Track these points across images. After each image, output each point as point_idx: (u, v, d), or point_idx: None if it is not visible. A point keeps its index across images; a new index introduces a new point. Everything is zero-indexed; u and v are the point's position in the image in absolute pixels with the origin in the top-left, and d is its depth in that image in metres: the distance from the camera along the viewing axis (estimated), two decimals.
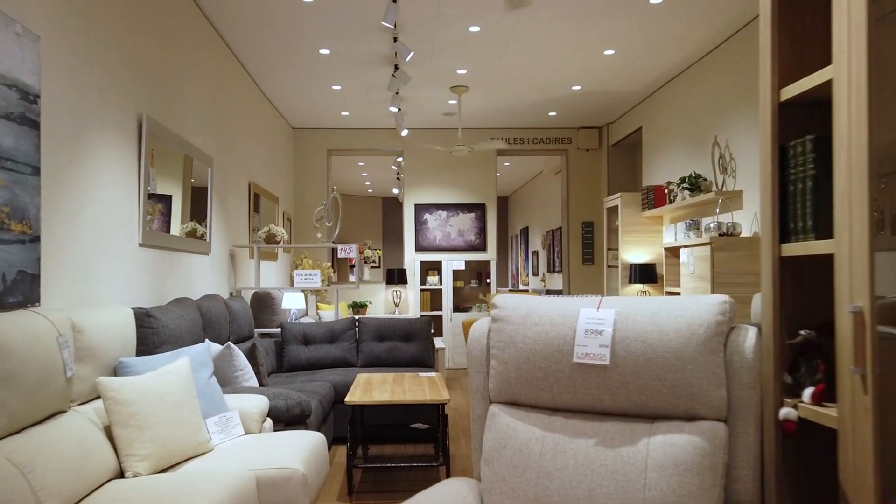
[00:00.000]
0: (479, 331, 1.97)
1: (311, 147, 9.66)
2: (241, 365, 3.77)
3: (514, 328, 1.87)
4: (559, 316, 1.84)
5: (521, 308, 1.90)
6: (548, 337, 1.81)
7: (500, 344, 1.88)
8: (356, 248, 6.28)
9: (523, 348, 1.83)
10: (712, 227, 5.75)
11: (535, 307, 1.88)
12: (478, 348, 1.96)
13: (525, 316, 1.87)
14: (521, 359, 1.83)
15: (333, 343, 5.93)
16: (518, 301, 1.92)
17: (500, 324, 1.90)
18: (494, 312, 1.92)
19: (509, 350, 1.85)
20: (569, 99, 8.23)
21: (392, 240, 16.62)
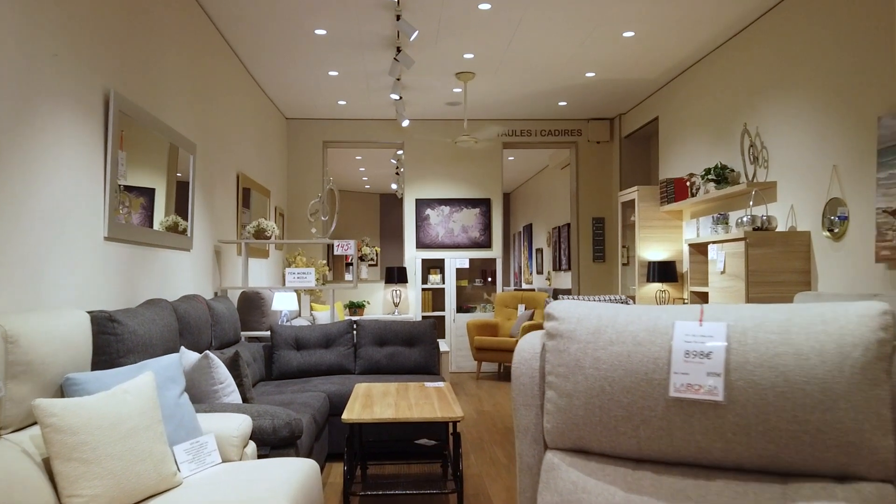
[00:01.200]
0: (529, 350, 1.44)
1: (305, 139, 9.11)
2: (221, 377, 3.23)
3: (580, 348, 1.33)
4: (645, 331, 1.30)
5: (590, 320, 1.36)
6: (631, 361, 1.28)
7: (560, 369, 1.34)
8: (354, 245, 5.74)
9: (595, 376, 1.30)
10: (745, 220, 5.23)
11: (609, 319, 1.35)
12: (527, 374, 1.43)
13: (596, 331, 1.33)
14: (591, 390, 1.30)
15: (329, 348, 5.39)
16: (583, 310, 1.38)
17: (560, 341, 1.36)
18: (551, 326, 1.38)
19: (575, 378, 1.32)
20: (581, 87, 7.69)
21: (390, 238, 16.07)
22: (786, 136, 5.33)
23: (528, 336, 1.46)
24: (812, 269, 5.01)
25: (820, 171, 4.90)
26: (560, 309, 1.40)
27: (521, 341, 1.46)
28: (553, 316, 1.39)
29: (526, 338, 1.47)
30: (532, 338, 1.46)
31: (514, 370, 1.45)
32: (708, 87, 6.64)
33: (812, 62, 4.97)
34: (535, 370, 1.42)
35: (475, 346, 8.22)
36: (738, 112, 6.06)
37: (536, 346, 1.44)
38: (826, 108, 4.82)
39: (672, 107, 7.51)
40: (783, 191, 5.39)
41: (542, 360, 1.42)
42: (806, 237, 5.04)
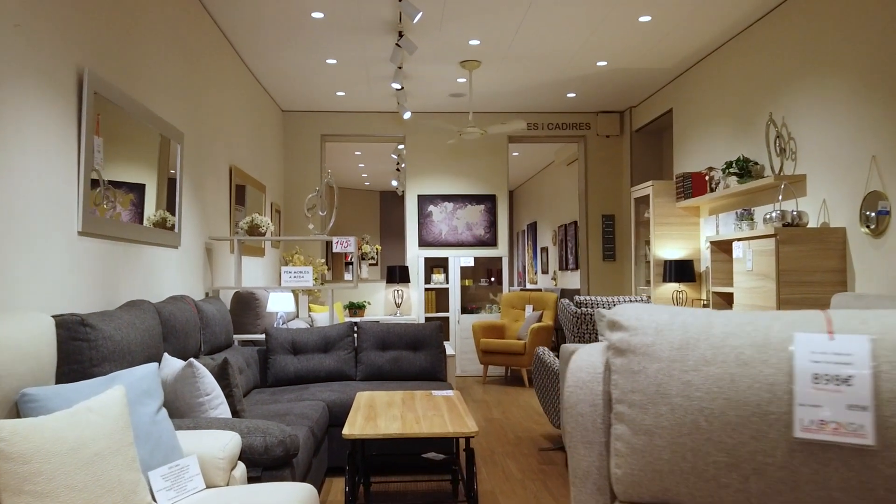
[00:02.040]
0: (587, 369, 1.09)
1: (302, 132, 8.76)
2: (208, 388, 2.89)
3: (662, 368, 0.99)
4: (753, 347, 0.96)
5: (673, 330, 1.02)
6: (735, 387, 0.94)
7: (634, 397, 1.00)
8: (354, 242, 5.40)
9: (685, 407, 0.96)
10: (774, 216, 4.88)
11: (699, 329, 1.00)
12: (586, 401, 1.08)
13: (683, 346, 0.99)
14: (680, 427, 0.96)
15: (328, 352, 5.04)
16: (664, 317, 1.04)
17: (633, 359, 1.02)
18: (619, 338, 1.04)
19: (656, 409, 0.98)
20: (591, 78, 7.35)
21: (391, 236, 15.72)
22: (816, 125, 4.99)
23: (584, 351, 1.11)
24: (848, 268, 4.67)
25: (857, 163, 4.56)
26: (630, 315, 1.05)
27: (577, 358, 1.11)
28: (621, 325, 1.05)
29: (582, 354, 1.12)
30: (590, 353, 1.11)
31: (569, 396, 1.10)
32: (728, 76, 6.30)
33: (848, 43, 4.62)
34: (596, 396, 1.07)
35: (481, 348, 7.87)
36: (763, 101, 5.71)
37: (597, 364, 1.09)
38: (865, 93, 4.47)
39: (688, 98, 7.16)
40: (814, 184, 5.04)
41: (605, 384, 1.08)
42: (841, 234, 4.69)
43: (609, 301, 4.74)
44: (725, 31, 6.00)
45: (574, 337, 4.66)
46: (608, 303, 4.73)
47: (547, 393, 5.06)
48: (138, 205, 4.15)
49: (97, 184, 3.44)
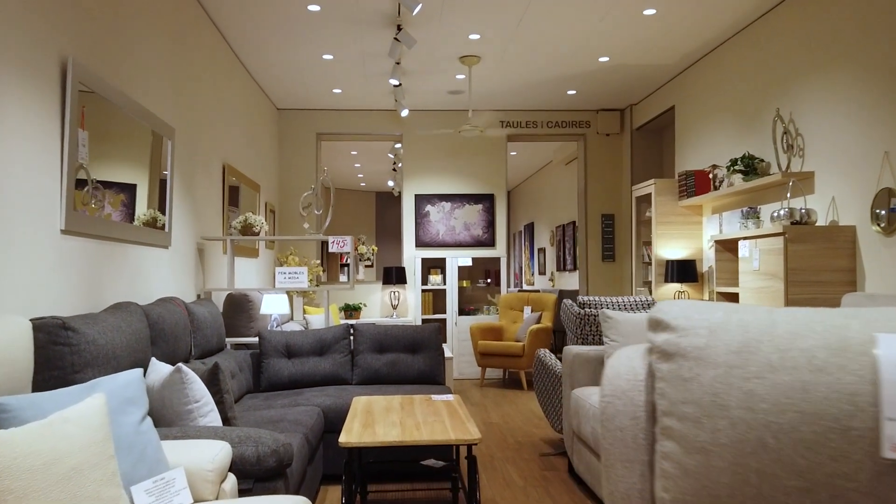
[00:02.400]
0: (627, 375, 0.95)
1: (298, 130, 8.60)
2: (197, 394, 2.73)
3: (719, 376, 0.84)
4: (827, 349, 0.82)
5: (730, 330, 0.87)
6: (809, 398, 0.80)
7: (686, 409, 0.85)
8: (351, 242, 5.24)
9: (748, 421, 0.81)
10: (782, 214, 4.75)
11: (762, 329, 0.86)
12: (626, 413, 0.94)
13: (743, 348, 0.85)
14: (743, 444, 0.81)
15: (323, 355, 4.88)
16: (717, 315, 0.89)
17: (684, 364, 0.87)
18: (665, 340, 0.89)
19: (713, 424, 0.83)
20: (592, 74, 7.21)
21: (387, 237, 15.57)
22: (826, 120, 4.85)
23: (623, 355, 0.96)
24: (858, 268, 4.53)
25: (868, 159, 4.42)
26: (677, 313, 0.90)
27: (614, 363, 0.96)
28: (667, 324, 0.90)
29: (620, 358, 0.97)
30: (630, 357, 0.96)
31: (606, 407, 0.96)
32: (733, 72, 6.16)
33: (860, 37, 4.49)
34: (638, 408, 0.92)
35: (479, 351, 7.72)
36: (769, 97, 5.58)
37: (638, 369, 0.94)
38: (876, 88, 4.33)
39: (691, 94, 7.03)
40: (822, 181, 4.91)
41: (649, 393, 0.93)
42: (850, 232, 4.56)
43: (613, 301, 4.60)
44: (732, 25, 5.87)
45: (577, 339, 4.51)
46: (612, 303, 4.58)
47: (548, 396, 4.91)
48: (129, 205, 4.01)
49: (84, 183, 3.29)
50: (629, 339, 4.01)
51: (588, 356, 4.19)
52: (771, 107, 5.55)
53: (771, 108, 5.54)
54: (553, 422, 4.84)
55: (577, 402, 4.02)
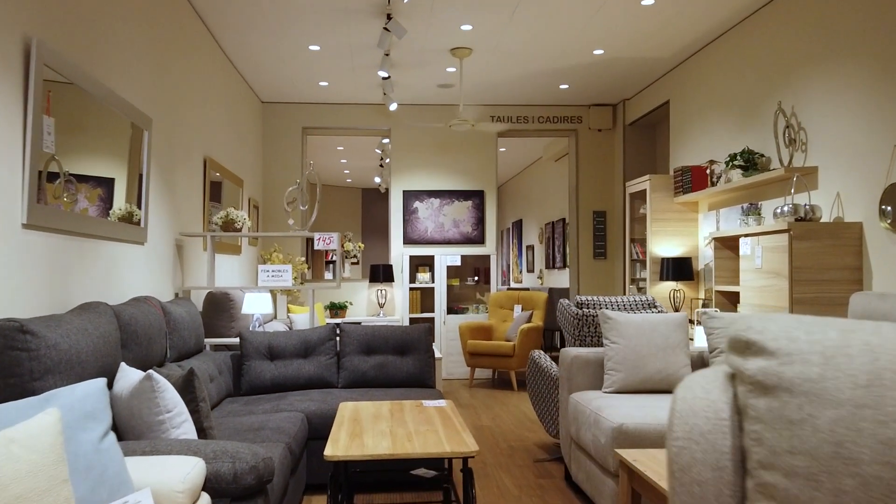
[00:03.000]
0: (705, 412, 0.73)
1: (283, 125, 8.35)
2: (169, 403, 2.50)
3: (841, 418, 0.63)
4: None
5: (852, 357, 0.66)
6: None
7: (794, 462, 0.64)
8: (337, 239, 5.01)
9: (888, 481, 0.60)
10: (786, 210, 4.57)
11: None
12: (707, 462, 0.72)
13: (875, 381, 0.64)
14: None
15: (307, 357, 4.66)
16: (831, 334, 0.68)
17: (788, 401, 0.66)
18: (760, 367, 0.68)
19: (835, 483, 0.62)
20: (586, 68, 7.01)
21: (373, 234, 15.33)
22: (829, 114, 4.68)
23: (694, 383, 0.75)
24: (865, 266, 4.36)
25: (876, 153, 4.25)
26: (778, 332, 0.69)
27: (685, 394, 0.75)
28: (762, 347, 0.69)
29: (691, 386, 0.76)
30: (705, 387, 0.75)
31: (679, 453, 0.75)
32: (732, 64, 5.99)
33: (866, 26, 4.32)
34: (722, 456, 0.71)
35: (468, 350, 7.52)
36: (770, 90, 5.41)
37: (720, 405, 0.72)
38: (884, 79, 4.16)
39: (686, 89, 6.85)
40: (826, 177, 4.74)
41: (735, 436, 0.71)
42: (857, 229, 4.39)
43: (612, 301, 4.41)
44: (731, 16, 5.69)
45: (575, 340, 4.31)
46: (612, 303, 4.39)
47: (543, 400, 4.71)
48: (106, 199, 3.78)
49: (56, 175, 3.05)
50: (630, 340, 3.82)
51: (587, 358, 3.99)
52: (771, 100, 5.37)
53: (771, 101, 5.37)
54: (548, 426, 4.64)
55: (575, 407, 3.82)
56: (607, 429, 3.25)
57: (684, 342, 3.89)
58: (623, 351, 3.81)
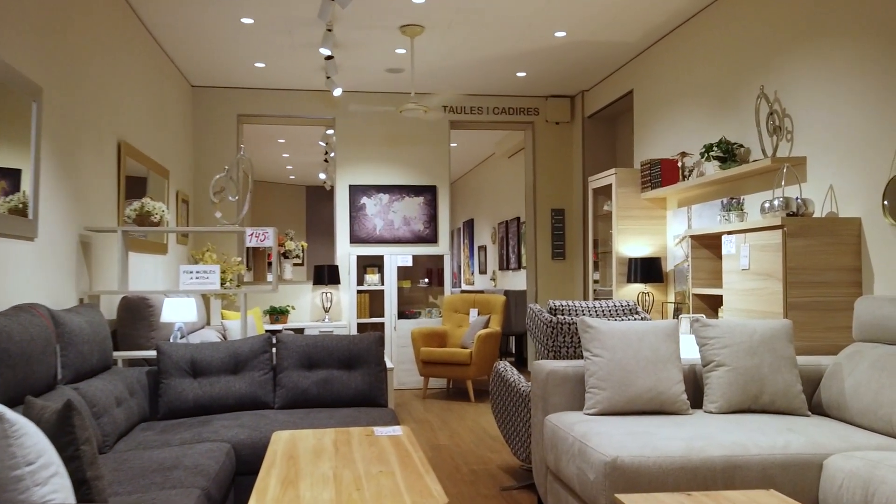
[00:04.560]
0: None
1: (215, 111, 7.62)
2: (31, 452, 1.85)
3: None
4: None
5: None
6: None
7: None
8: (273, 235, 4.37)
9: None
10: (776, 205, 4.12)
11: None
12: None
13: None
14: None
15: (238, 373, 4.00)
16: None
17: None
18: None
19: None
20: (545, 52, 6.50)
21: (319, 234, 14.61)
22: (819, 98, 4.25)
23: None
24: (864, 266, 3.94)
25: (875, 141, 3.83)
26: None
27: None
28: None
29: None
30: None
31: None
32: (704, 47, 5.54)
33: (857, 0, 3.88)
34: None
35: (421, 358, 6.93)
36: (749, 74, 4.97)
37: None
38: (887, 58, 3.73)
39: (653, 76, 6.40)
40: (816, 168, 4.31)
41: None
42: (855, 226, 3.96)
43: (591, 307, 3.87)
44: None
45: (549, 351, 3.77)
46: (590, 309, 3.86)
47: (509, 419, 4.15)
48: (12, 191, 3.12)
49: None
50: (615, 353, 3.29)
51: (565, 374, 3.45)
52: (750, 85, 4.94)
53: (750, 86, 4.93)
54: (516, 449, 4.09)
55: (553, 432, 3.27)
56: (598, 463, 2.71)
57: (676, 354, 3.38)
58: (607, 365, 3.28)
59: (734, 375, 3.33)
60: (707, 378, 3.41)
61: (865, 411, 3.11)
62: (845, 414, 3.24)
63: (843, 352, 3.48)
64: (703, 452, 2.74)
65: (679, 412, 3.29)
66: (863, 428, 3.14)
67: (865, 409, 3.11)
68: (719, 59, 5.34)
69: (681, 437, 2.83)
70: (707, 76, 5.52)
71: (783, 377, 3.34)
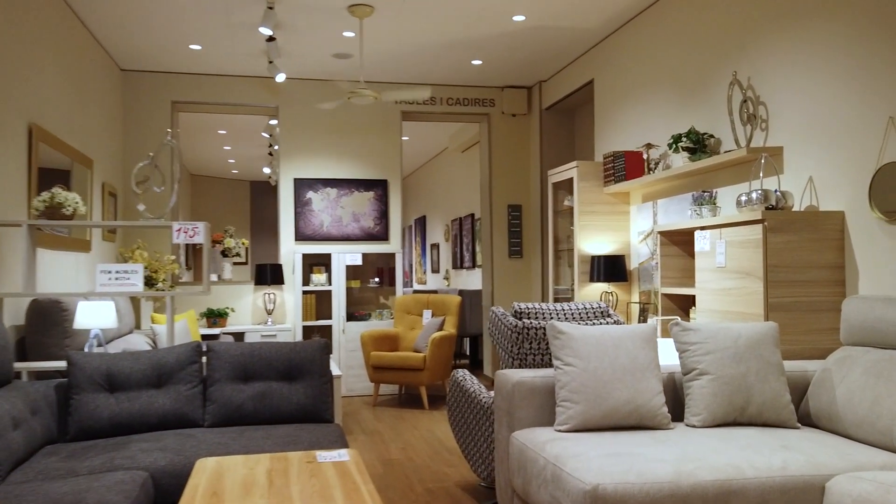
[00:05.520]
0: None
1: (148, 98, 7.05)
2: None
3: None
4: None
5: None
6: None
7: None
8: (204, 230, 3.90)
9: None
10: (755, 198, 3.82)
11: None
12: None
13: None
14: None
15: (162, 387, 3.53)
16: None
17: None
18: None
19: None
20: (503, 39, 6.14)
21: (264, 232, 14.02)
22: (796, 85, 3.98)
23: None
24: (848, 264, 3.67)
25: (859, 128, 3.56)
26: None
27: None
28: None
29: None
30: None
31: None
32: (671, 33, 5.25)
33: None
34: None
35: (371, 363, 6.50)
36: (721, 60, 4.69)
37: None
38: (871, 40, 3.46)
39: (615, 64, 6.10)
40: (793, 158, 4.04)
41: None
42: (838, 220, 3.69)
43: (560, 310, 3.51)
44: None
45: (514, 359, 3.39)
46: (559, 312, 3.50)
47: (469, 433, 3.78)
48: None
49: None
50: (589, 362, 2.94)
51: (533, 385, 3.08)
52: (721, 72, 4.66)
53: (721, 73, 4.65)
54: (477, 466, 3.71)
55: (520, 451, 2.90)
56: (576, 492, 2.34)
57: (655, 362, 3.04)
58: (580, 375, 2.92)
59: (719, 385, 3.01)
60: (689, 388, 3.08)
61: (862, 423, 2.82)
62: (838, 425, 2.95)
63: (832, 356, 3.19)
64: (693, 476, 2.40)
65: (660, 427, 2.96)
66: (859, 441, 2.85)
67: (861, 421, 2.82)
68: (688, 45, 5.06)
69: (667, 458, 2.49)
70: (674, 63, 5.23)
71: (771, 386, 3.03)
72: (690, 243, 4.83)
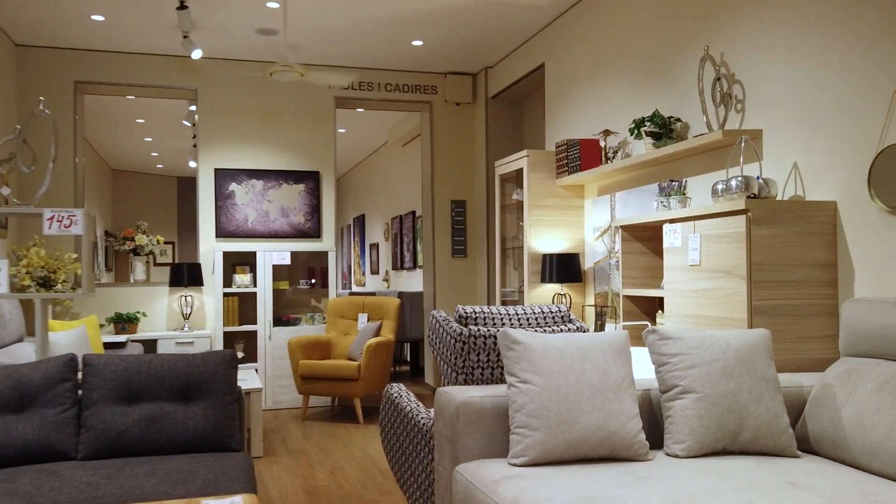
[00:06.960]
0: None
1: (47, 76, 6.24)
2: None
3: None
4: None
5: None
6: None
7: None
8: (83, 219, 3.21)
9: None
10: (735, 185, 3.33)
11: None
12: None
13: None
14: None
15: (24, 411, 2.83)
16: None
17: None
18: None
19: None
20: (446, 16, 5.57)
21: (192, 230, 13.14)
22: (779, 59, 3.52)
23: None
24: (841, 261, 3.21)
25: (855, 109, 3.11)
26: None
27: None
28: None
29: None
30: None
31: None
32: (632, 8, 4.77)
33: None
34: None
35: (300, 373, 5.84)
36: (690, 35, 4.22)
37: None
38: (869, 6, 3.01)
39: (568, 46, 5.59)
40: (775, 143, 3.58)
41: None
42: (830, 211, 3.23)
43: (512, 314, 2.95)
44: None
45: (458, 373, 2.81)
46: (511, 316, 2.93)
47: (406, 458, 3.18)
48: None
49: None
50: (551, 378, 2.38)
51: (482, 408, 2.50)
52: (690, 48, 4.18)
53: (690, 50, 4.18)
54: (414, 498, 3.11)
55: (467, 490, 2.32)
56: None
57: (629, 378, 2.50)
58: (540, 395, 2.36)
59: (706, 405, 2.48)
60: (669, 409, 2.55)
61: (877, 451, 2.33)
62: (845, 453, 2.46)
63: (832, 370, 2.71)
64: None
65: (636, 458, 2.42)
66: (874, 473, 2.36)
67: (876, 449, 2.33)
68: (651, 19, 4.57)
69: None
70: (635, 41, 4.74)
71: (767, 406, 2.52)
72: (656, 239, 4.34)
